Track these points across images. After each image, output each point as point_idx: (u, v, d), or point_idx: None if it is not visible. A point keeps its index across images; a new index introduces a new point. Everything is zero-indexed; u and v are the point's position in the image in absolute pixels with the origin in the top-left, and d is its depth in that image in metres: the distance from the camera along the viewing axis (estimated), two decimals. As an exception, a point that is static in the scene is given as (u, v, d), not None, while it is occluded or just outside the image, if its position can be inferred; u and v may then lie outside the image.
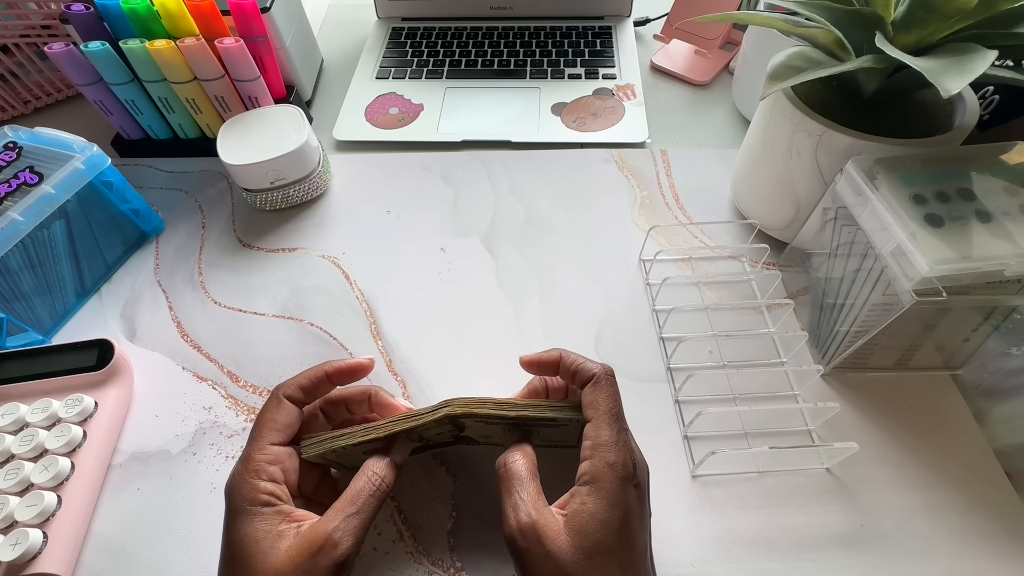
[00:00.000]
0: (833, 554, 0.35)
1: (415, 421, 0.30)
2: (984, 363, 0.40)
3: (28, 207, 0.42)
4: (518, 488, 0.28)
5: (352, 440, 0.31)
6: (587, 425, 0.29)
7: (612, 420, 0.29)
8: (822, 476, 0.38)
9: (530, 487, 0.28)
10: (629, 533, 0.26)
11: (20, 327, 0.44)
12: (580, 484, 0.27)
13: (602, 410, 0.29)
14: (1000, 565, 0.34)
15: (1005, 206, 0.34)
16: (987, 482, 0.37)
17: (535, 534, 0.26)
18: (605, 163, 0.57)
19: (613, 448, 0.28)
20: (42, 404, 0.39)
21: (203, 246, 0.52)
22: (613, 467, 0.27)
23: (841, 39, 0.37)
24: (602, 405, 0.29)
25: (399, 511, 0.37)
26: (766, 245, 0.47)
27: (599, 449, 0.28)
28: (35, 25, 0.59)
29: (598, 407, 0.29)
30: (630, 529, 0.26)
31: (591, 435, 0.28)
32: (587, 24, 0.71)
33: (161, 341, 0.46)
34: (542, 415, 0.31)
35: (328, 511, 0.28)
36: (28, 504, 0.35)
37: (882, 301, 0.36)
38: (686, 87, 0.66)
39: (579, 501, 0.27)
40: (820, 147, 0.40)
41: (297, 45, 0.61)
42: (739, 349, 0.43)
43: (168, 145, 0.59)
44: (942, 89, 0.29)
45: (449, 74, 0.66)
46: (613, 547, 0.26)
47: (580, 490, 0.27)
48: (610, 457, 0.27)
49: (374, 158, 0.59)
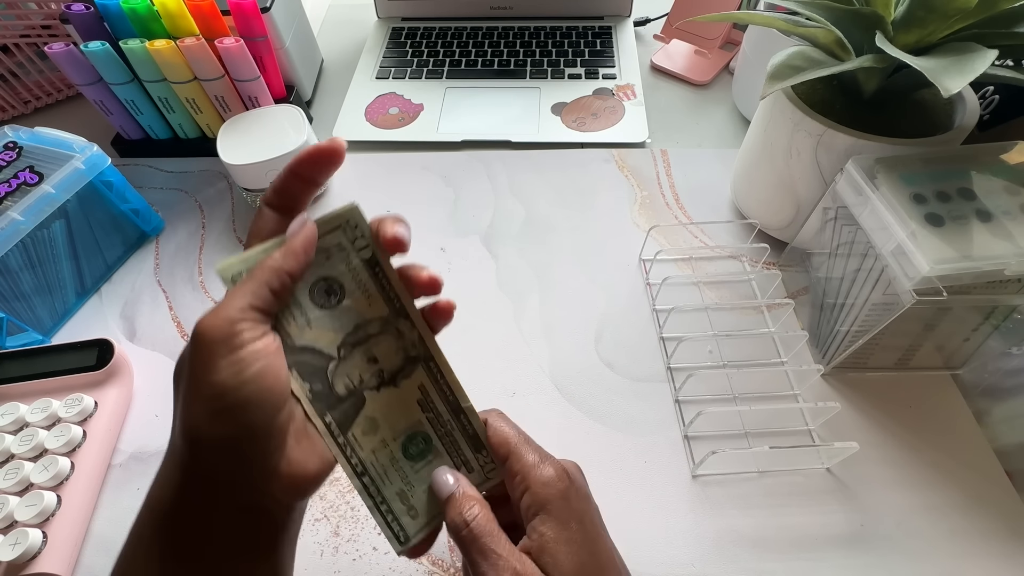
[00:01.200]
0: (833, 554, 0.35)
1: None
2: (984, 363, 0.40)
3: (28, 207, 0.42)
4: (492, 546, 0.25)
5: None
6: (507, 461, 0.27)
7: (525, 443, 0.27)
8: (822, 476, 0.38)
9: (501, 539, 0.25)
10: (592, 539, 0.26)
11: (20, 327, 0.44)
12: (529, 518, 0.26)
13: (513, 441, 0.27)
14: (1000, 564, 0.34)
15: (1005, 206, 0.34)
16: (987, 481, 0.37)
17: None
18: (605, 163, 0.57)
19: (541, 467, 0.26)
20: (42, 404, 0.39)
21: (203, 246, 0.52)
22: (549, 484, 0.26)
23: (841, 39, 0.37)
24: (511, 437, 0.28)
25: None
26: (766, 245, 0.47)
27: (529, 476, 0.26)
28: (35, 25, 0.59)
29: (508, 440, 0.27)
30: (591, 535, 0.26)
31: (516, 468, 0.27)
32: (587, 24, 0.71)
33: (161, 341, 0.46)
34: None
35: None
36: (28, 504, 0.35)
37: (882, 301, 0.36)
38: (686, 87, 0.66)
39: (537, 534, 0.25)
40: (820, 147, 0.40)
41: (297, 45, 0.61)
42: (739, 349, 0.43)
43: (168, 145, 0.59)
44: (942, 89, 0.29)
45: (449, 74, 0.66)
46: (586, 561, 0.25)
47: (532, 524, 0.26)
48: (544, 476, 0.26)
49: (374, 158, 0.59)
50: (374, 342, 0.26)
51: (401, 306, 0.26)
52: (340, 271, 0.25)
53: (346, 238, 0.25)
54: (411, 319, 0.27)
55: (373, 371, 0.26)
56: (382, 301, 0.26)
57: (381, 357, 0.27)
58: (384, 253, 0.26)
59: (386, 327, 0.26)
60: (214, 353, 0.21)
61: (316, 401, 0.25)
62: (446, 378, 0.27)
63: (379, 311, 0.26)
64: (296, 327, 0.25)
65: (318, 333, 0.25)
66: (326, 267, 0.25)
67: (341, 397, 0.26)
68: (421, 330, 0.27)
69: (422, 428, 0.28)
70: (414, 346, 0.27)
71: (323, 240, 0.25)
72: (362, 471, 0.26)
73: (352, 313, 0.26)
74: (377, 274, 0.26)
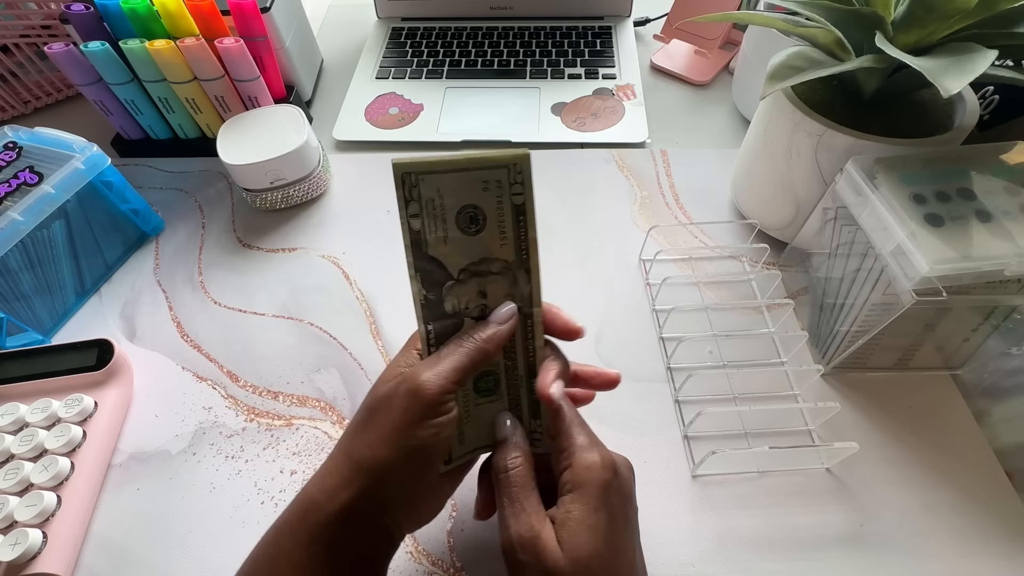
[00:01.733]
0: (833, 554, 0.35)
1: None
2: (984, 363, 0.40)
3: (28, 207, 0.42)
4: (521, 497, 0.27)
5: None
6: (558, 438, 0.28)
7: (580, 426, 0.28)
8: (822, 476, 0.38)
9: (532, 497, 0.27)
10: (616, 535, 0.26)
11: (20, 327, 0.44)
12: (563, 493, 0.27)
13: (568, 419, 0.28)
14: (1000, 564, 0.34)
15: (1005, 206, 0.34)
16: (987, 481, 0.37)
17: (535, 549, 0.25)
18: (605, 163, 0.57)
19: (588, 451, 0.27)
20: (42, 404, 0.39)
21: (203, 246, 0.52)
22: (591, 469, 0.27)
23: (841, 39, 0.37)
24: (569, 415, 0.29)
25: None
26: (766, 245, 0.47)
27: (574, 455, 0.27)
28: (35, 25, 0.59)
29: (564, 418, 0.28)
30: (616, 531, 0.26)
31: (565, 444, 0.28)
32: (587, 24, 0.71)
33: (161, 341, 0.46)
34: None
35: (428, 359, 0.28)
36: (28, 504, 0.35)
37: (882, 301, 0.36)
38: (686, 87, 0.66)
39: (564, 510, 0.26)
40: (820, 147, 0.40)
41: (297, 45, 0.61)
42: (739, 349, 0.43)
43: (168, 145, 0.59)
44: (942, 89, 0.29)
45: (449, 74, 0.66)
46: (602, 552, 0.25)
47: (564, 499, 0.27)
48: (588, 460, 0.27)
49: (374, 158, 0.59)
50: (491, 279, 0.28)
51: (527, 258, 0.28)
52: (489, 205, 0.27)
53: (507, 178, 0.27)
54: (530, 274, 0.28)
55: (479, 303, 0.29)
56: (512, 247, 0.28)
57: (490, 294, 0.28)
58: (532, 208, 0.27)
59: (505, 271, 0.28)
60: (426, 414, 0.26)
61: (426, 308, 0.28)
62: (535, 340, 0.29)
63: (506, 255, 0.28)
64: (434, 237, 0.27)
65: (449, 251, 0.27)
66: (480, 197, 0.27)
67: (446, 314, 0.29)
68: (535, 288, 0.29)
69: (497, 370, 0.30)
70: (522, 299, 0.29)
71: (486, 172, 0.26)
72: None
73: (482, 246, 0.28)
74: (519, 222, 0.27)
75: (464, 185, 0.26)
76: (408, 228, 0.27)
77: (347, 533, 0.27)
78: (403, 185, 0.26)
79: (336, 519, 0.26)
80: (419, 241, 0.27)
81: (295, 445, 0.40)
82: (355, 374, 0.44)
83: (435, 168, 0.26)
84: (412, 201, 0.26)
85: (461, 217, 0.27)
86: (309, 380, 0.43)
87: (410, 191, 0.26)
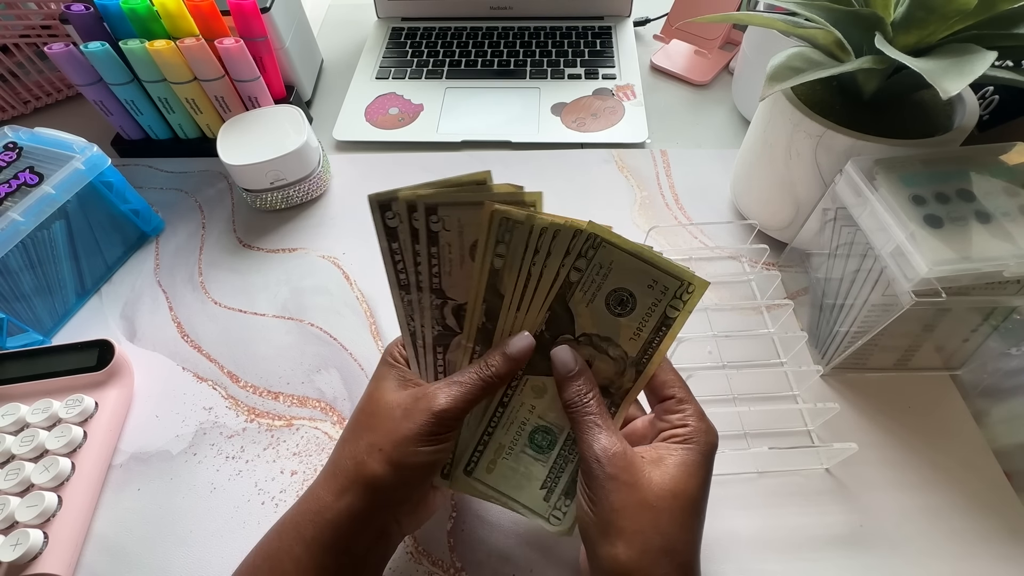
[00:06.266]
0: (833, 554, 0.35)
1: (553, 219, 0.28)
2: (984, 363, 0.40)
3: (28, 207, 0.42)
4: (602, 420, 0.28)
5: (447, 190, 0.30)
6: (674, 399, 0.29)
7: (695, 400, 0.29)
8: (822, 476, 0.38)
9: (611, 422, 0.28)
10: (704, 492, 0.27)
11: (20, 327, 0.44)
12: (672, 441, 0.27)
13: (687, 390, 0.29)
14: (1000, 565, 0.34)
15: (1005, 207, 0.34)
16: (986, 482, 0.37)
17: (624, 462, 0.26)
18: (605, 163, 0.57)
19: (705, 419, 0.28)
20: (42, 404, 0.39)
21: (203, 246, 0.52)
22: (709, 433, 0.28)
23: (841, 40, 0.37)
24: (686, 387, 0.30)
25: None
26: (766, 245, 0.47)
27: (694, 417, 0.28)
28: (35, 25, 0.59)
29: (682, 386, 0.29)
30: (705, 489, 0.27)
31: (687, 402, 0.29)
32: (587, 24, 0.71)
33: (161, 341, 0.46)
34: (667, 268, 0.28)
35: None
36: (29, 504, 0.35)
37: (882, 301, 0.36)
38: (686, 87, 0.66)
39: (665, 449, 0.27)
40: (820, 147, 0.40)
41: (297, 45, 0.61)
42: (739, 349, 0.43)
43: (168, 145, 0.60)
44: (941, 90, 0.29)
45: (449, 74, 0.66)
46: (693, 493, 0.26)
47: (668, 444, 0.27)
48: (703, 426, 0.28)
49: (374, 158, 0.59)
50: (601, 358, 0.29)
51: (645, 361, 0.29)
52: (644, 302, 0.28)
53: (674, 290, 0.28)
54: (638, 378, 0.29)
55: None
56: (641, 346, 0.29)
57: (594, 368, 0.30)
58: (679, 329, 0.28)
59: (619, 360, 0.29)
60: (435, 435, 0.28)
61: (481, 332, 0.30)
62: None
63: (630, 349, 0.29)
64: (581, 294, 0.29)
65: (585, 313, 0.29)
66: (642, 291, 0.28)
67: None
68: (635, 390, 0.30)
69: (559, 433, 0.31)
70: (618, 391, 0.30)
71: (661, 274, 0.28)
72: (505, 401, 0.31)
73: (614, 328, 0.29)
74: (660, 331, 0.29)
75: (636, 273, 0.28)
76: (566, 273, 0.28)
77: (350, 532, 0.28)
78: (586, 242, 0.28)
79: (340, 518, 0.28)
80: (565, 293, 0.29)
81: (295, 445, 0.40)
82: (355, 375, 0.44)
83: (619, 245, 0.28)
84: (581, 257, 0.28)
85: (614, 295, 0.28)
86: (309, 380, 0.43)
87: (587, 251, 0.28)
